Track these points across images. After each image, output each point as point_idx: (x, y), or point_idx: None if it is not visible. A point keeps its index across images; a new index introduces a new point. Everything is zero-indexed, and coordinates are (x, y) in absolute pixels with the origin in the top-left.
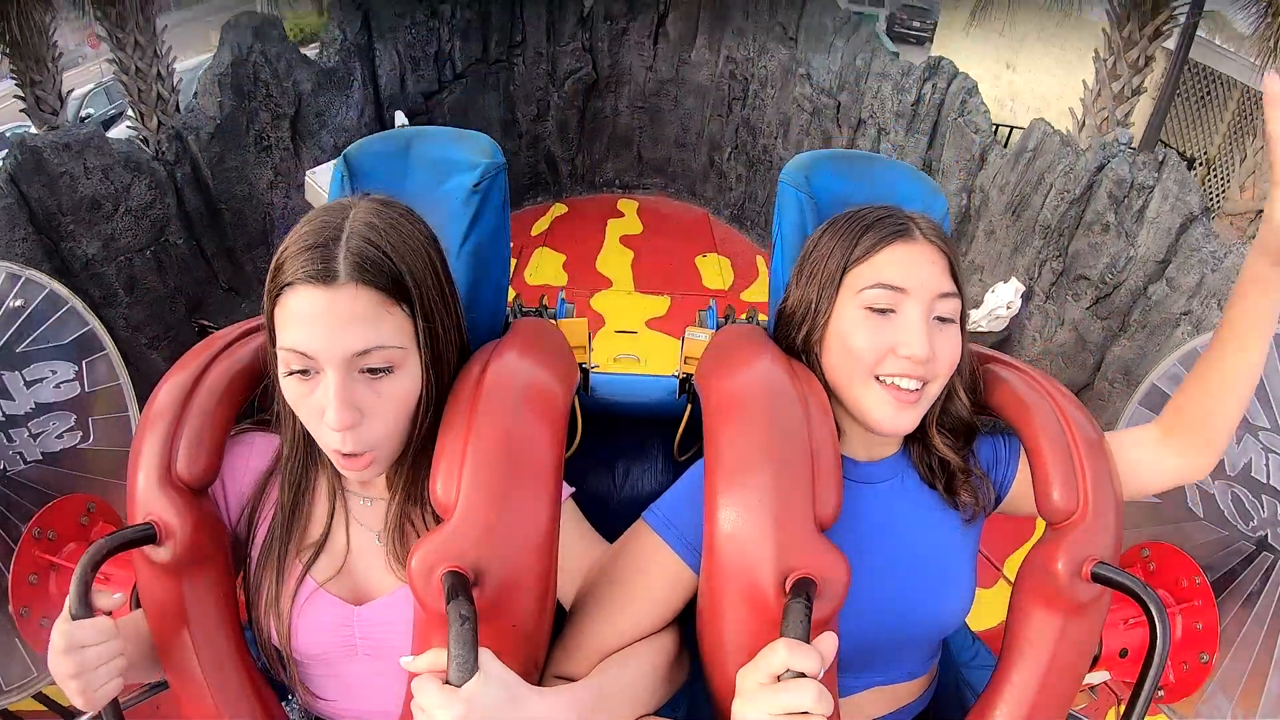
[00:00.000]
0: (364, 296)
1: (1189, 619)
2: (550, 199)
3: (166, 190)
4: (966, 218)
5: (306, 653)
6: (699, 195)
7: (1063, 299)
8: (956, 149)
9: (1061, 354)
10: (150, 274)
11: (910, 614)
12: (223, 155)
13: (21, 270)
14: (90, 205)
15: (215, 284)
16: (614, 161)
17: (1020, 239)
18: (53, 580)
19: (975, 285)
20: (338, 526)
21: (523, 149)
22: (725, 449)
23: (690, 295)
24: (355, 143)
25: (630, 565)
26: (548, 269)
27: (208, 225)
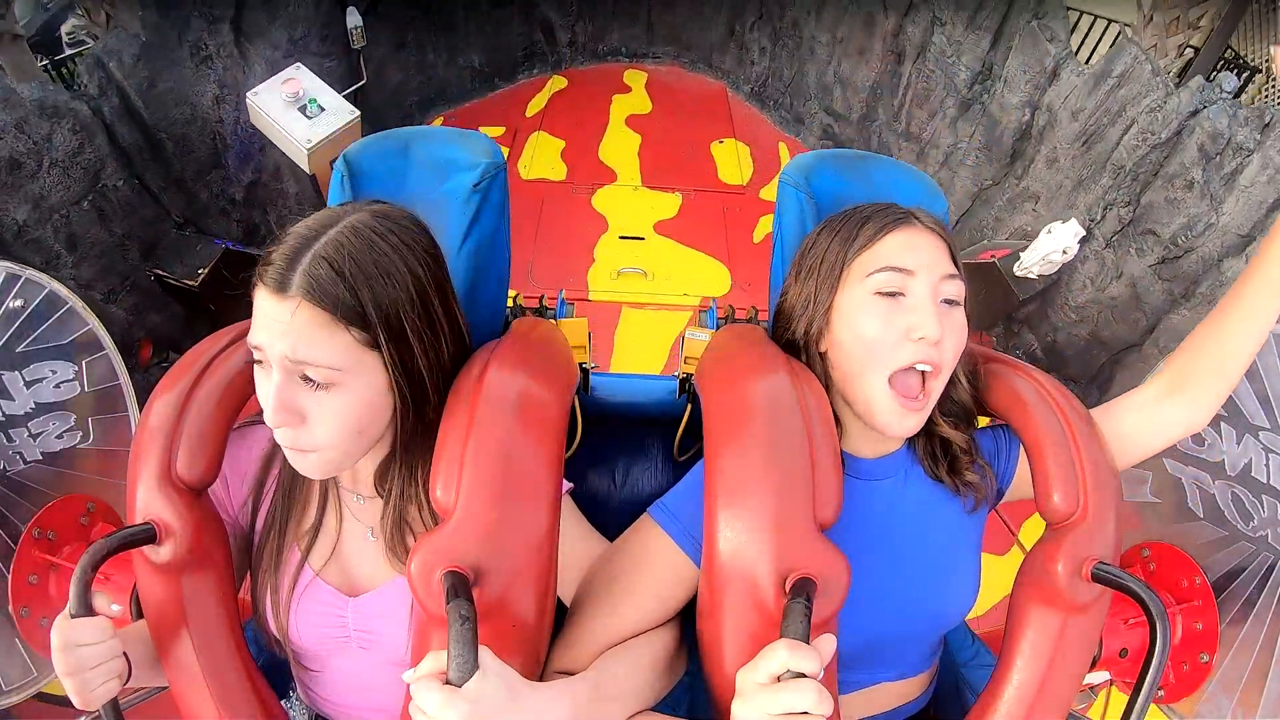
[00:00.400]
0: (305, 313)
1: (1189, 619)
2: (548, 71)
3: (94, 130)
4: (1027, 137)
5: (301, 644)
6: (716, 67)
7: (1125, 250)
8: (1024, 57)
9: (1112, 307)
10: (92, 226)
11: (914, 610)
12: (154, 78)
13: (21, 270)
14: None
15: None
16: (620, 27)
17: (1087, 174)
18: (53, 580)
19: (1027, 214)
20: (330, 514)
21: (515, 16)
22: (725, 450)
23: (704, 192)
24: (355, 143)
25: (634, 558)
26: (544, 159)
27: (149, 159)
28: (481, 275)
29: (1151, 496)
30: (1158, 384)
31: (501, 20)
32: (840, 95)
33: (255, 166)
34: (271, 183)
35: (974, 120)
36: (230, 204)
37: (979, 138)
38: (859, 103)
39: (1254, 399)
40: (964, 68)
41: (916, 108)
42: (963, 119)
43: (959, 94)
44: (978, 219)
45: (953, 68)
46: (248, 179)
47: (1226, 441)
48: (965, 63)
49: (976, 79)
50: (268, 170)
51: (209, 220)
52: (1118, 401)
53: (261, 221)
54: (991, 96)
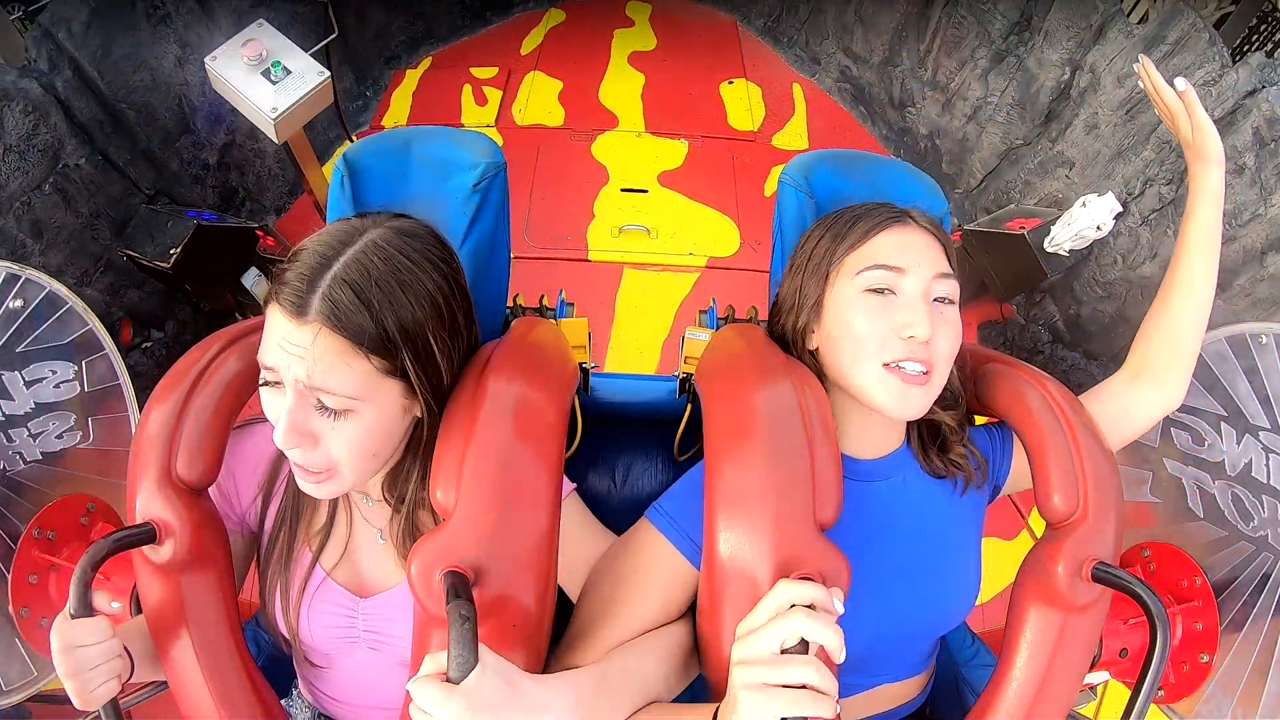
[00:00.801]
0: (325, 341)
1: (1189, 619)
2: (544, 4)
3: (48, 108)
4: (1065, 98)
5: (311, 643)
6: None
7: (1161, 230)
8: (1069, 11)
9: (1142, 286)
10: (56, 210)
11: (914, 612)
12: (108, 45)
13: (21, 270)
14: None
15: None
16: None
17: (1128, 144)
18: (53, 580)
19: (1060, 181)
20: (341, 515)
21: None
22: (725, 450)
23: (712, 139)
24: (354, 143)
25: (633, 562)
26: (540, 102)
27: (110, 132)
28: (481, 275)
29: (1151, 496)
30: (1124, 372)
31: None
32: (861, 35)
33: (227, 128)
34: (246, 143)
35: (1008, 74)
36: (203, 170)
37: (1012, 93)
38: (881, 45)
39: (1254, 399)
40: (1000, 16)
41: (945, 55)
42: (995, 71)
43: (993, 44)
44: (1005, 180)
45: (987, 15)
46: (220, 142)
47: (1226, 441)
48: (1002, 10)
49: (1013, 29)
50: (241, 131)
51: (182, 189)
52: (1101, 389)
53: (239, 184)
54: (1029, 50)
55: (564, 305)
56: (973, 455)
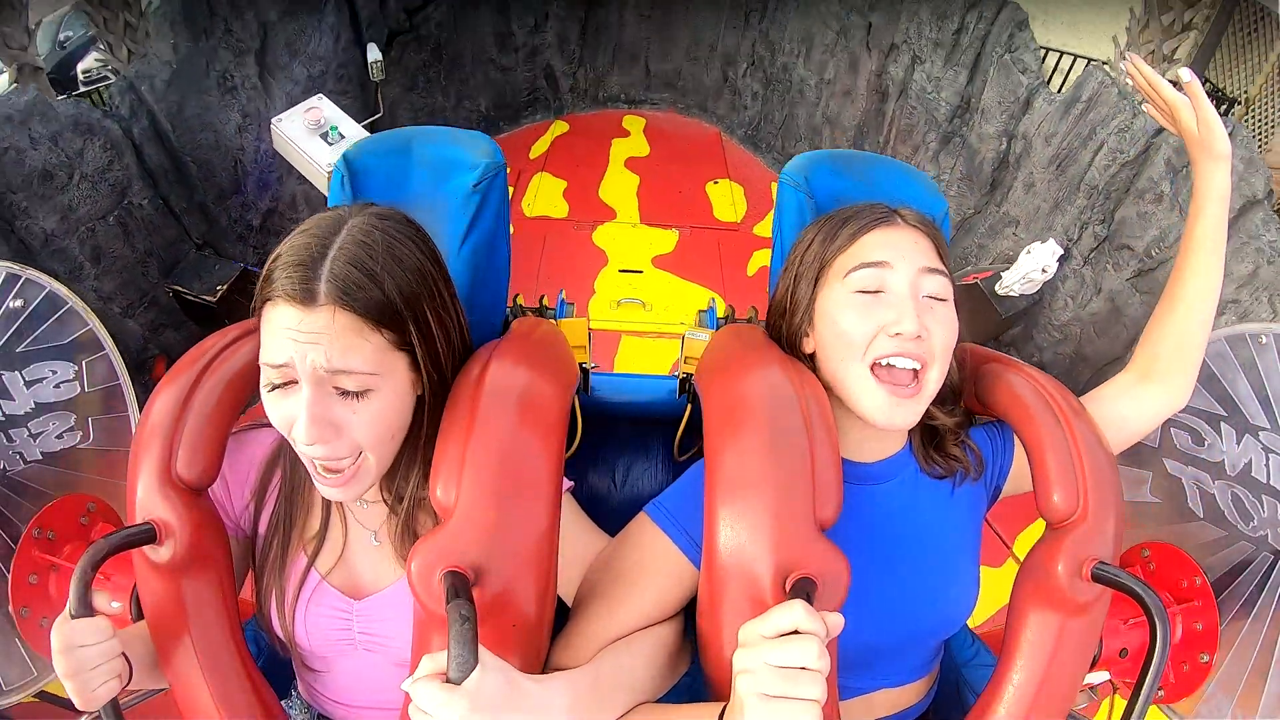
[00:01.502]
0: (342, 320)
1: (1189, 619)
2: (550, 115)
3: (124, 149)
4: (1005, 165)
5: (308, 647)
6: (711, 112)
7: (1102, 266)
8: (1000, 89)
9: (1093, 323)
10: (116, 240)
11: (914, 616)
12: (182, 103)
13: (21, 270)
14: (42, 177)
15: (188, 241)
16: (619, 74)
17: (1062, 195)
18: (53, 580)
19: (1008, 239)
20: (334, 520)
21: (519, 63)
22: (725, 449)
23: (700, 229)
24: (354, 143)
25: (633, 559)
26: (547, 198)
27: (173, 181)
28: (481, 275)
29: (1151, 496)
30: (1130, 373)
31: (507, 66)
32: (829, 134)
33: (273, 195)
34: (288, 211)
35: (955, 152)
36: (247, 229)
37: (960, 168)
38: (846, 141)
39: (1254, 399)
40: (944, 102)
41: (900, 143)
42: (944, 151)
43: (940, 128)
44: (962, 247)
45: (933, 103)
46: (265, 206)
47: (1226, 441)
48: (945, 98)
49: (956, 113)
50: (284, 199)
51: (227, 244)
52: (1102, 390)
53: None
54: (970, 128)
55: (564, 305)
56: (971, 452)
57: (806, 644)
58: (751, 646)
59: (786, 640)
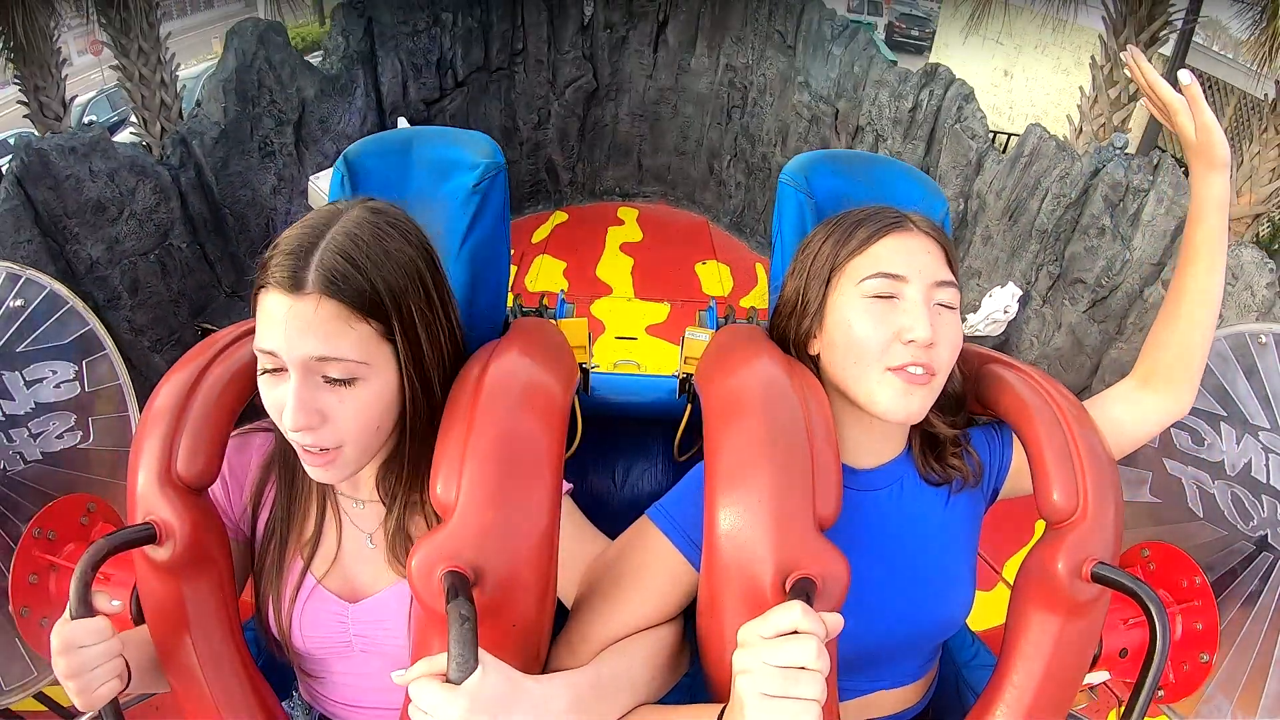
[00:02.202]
0: (327, 308)
1: (1189, 619)
2: (551, 206)
3: (171, 194)
4: (964, 223)
5: (304, 649)
6: (699, 203)
7: (1059, 303)
8: (953, 155)
9: (1059, 358)
10: (154, 277)
11: (913, 618)
12: (227, 160)
13: (21, 270)
14: (95, 208)
15: (218, 288)
16: (614, 169)
17: (1017, 243)
18: (53, 580)
19: (972, 290)
20: (329, 524)
21: (524, 157)
22: (725, 449)
23: (690, 302)
24: (355, 143)
25: (633, 561)
26: (548, 275)
27: (211, 230)
28: (481, 276)
29: (1151, 496)
30: (1132, 379)
31: (512, 159)
32: None
33: None
34: None
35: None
36: None
37: None
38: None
39: (1254, 399)
40: None
41: None
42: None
43: None
44: None
45: None
46: None
47: (1226, 441)
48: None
49: None
50: None
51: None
52: (1104, 396)
53: None
54: None
55: (564, 305)
56: (970, 457)
57: (805, 644)
58: (751, 646)
59: (786, 640)
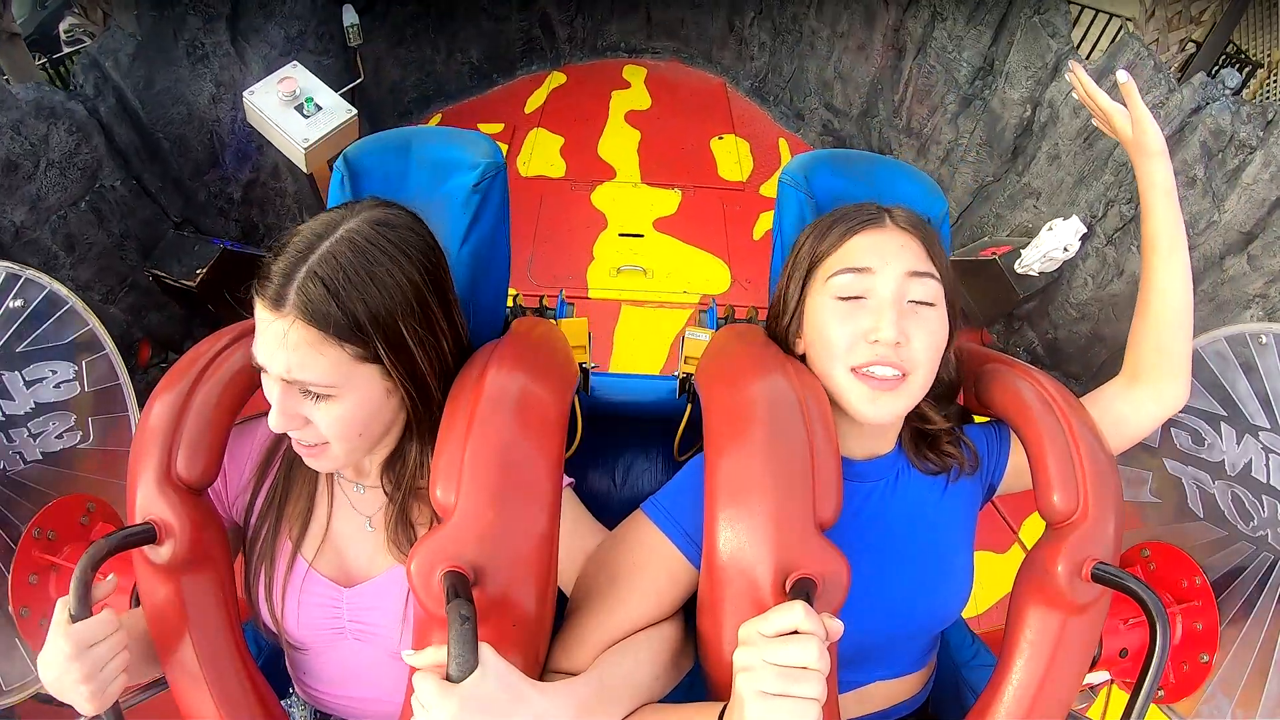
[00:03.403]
0: (299, 333)
1: (1189, 619)
2: (547, 67)
3: (91, 130)
4: (1028, 133)
5: (296, 635)
6: (715, 62)
7: (1126, 247)
8: (1026, 52)
9: (1113, 304)
10: (89, 227)
11: (908, 610)
12: (150, 77)
13: (21, 270)
14: (6, 168)
15: (166, 221)
16: (619, 22)
17: (1088, 170)
18: (53, 580)
19: (1029, 211)
20: (320, 503)
21: (513, 11)
22: (726, 450)
23: (703, 189)
24: (355, 143)
25: (630, 558)
26: (543, 156)
27: (146, 159)
28: (481, 275)
29: (1151, 496)
30: (1121, 378)
31: (500, 16)
32: (840, 91)
33: (253, 166)
34: (270, 182)
35: (975, 116)
36: (228, 203)
37: (980, 134)
38: (859, 98)
39: (1254, 399)
40: (965, 63)
41: (917, 104)
42: (964, 115)
43: (960, 90)
44: (978, 216)
45: (954, 63)
46: (245, 178)
47: (1226, 441)
48: (966, 58)
49: (978, 74)
50: (265, 169)
51: (207, 220)
52: (1101, 391)
53: (260, 221)
54: (993, 92)
55: (564, 305)
56: (967, 449)
57: (807, 644)
58: (752, 645)
59: (787, 640)
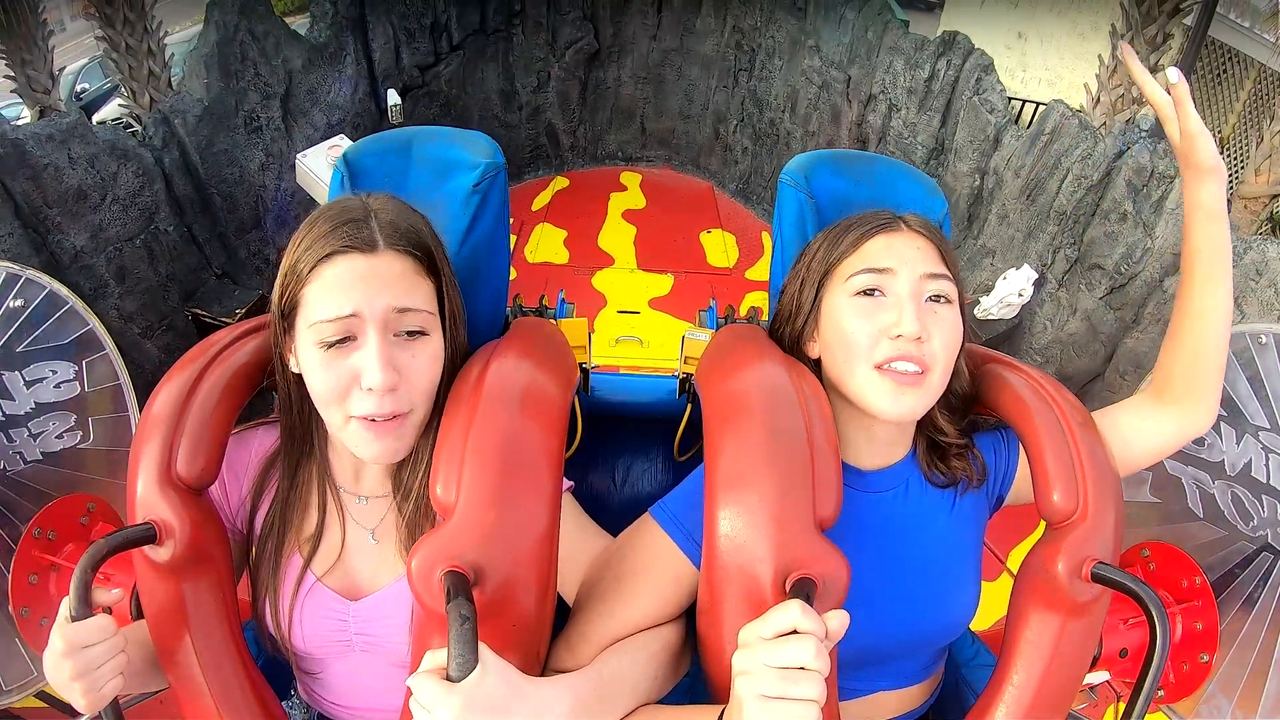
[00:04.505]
0: (400, 263)
1: (1189, 619)
2: (551, 172)
3: (154, 177)
4: (979, 200)
5: (304, 649)
6: (704, 168)
7: (1076, 288)
8: (970, 129)
9: (1072, 343)
10: (141, 263)
11: (917, 620)
12: (211, 138)
13: (21, 270)
14: (77, 196)
15: (208, 270)
16: (617, 133)
17: (1034, 224)
18: (53, 580)
19: (986, 270)
20: (332, 519)
21: (523, 121)
22: (725, 449)
23: (694, 274)
24: (355, 143)
25: (635, 560)
26: (548, 246)
27: (198, 211)
28: (481, 276)
29: (1151, 496)
30: (1147, 393)
31: (511, 124)
32: None
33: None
34: None
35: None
36: (264, 263)
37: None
38: None
39: (1254, 399)
40: (920, 146)
41: None
42: None
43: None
44: None
45: (910, 147)
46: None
47: (1226, 441)
48: (921, 141)
49: (932, 154)
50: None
51: (244, 276)
52: (1115, 408)
53: None
54: (946, 168)
55: (564, 305)
56: (974, 459)
57: (805, 644)
58: (750, 648)
59: (785, 641)
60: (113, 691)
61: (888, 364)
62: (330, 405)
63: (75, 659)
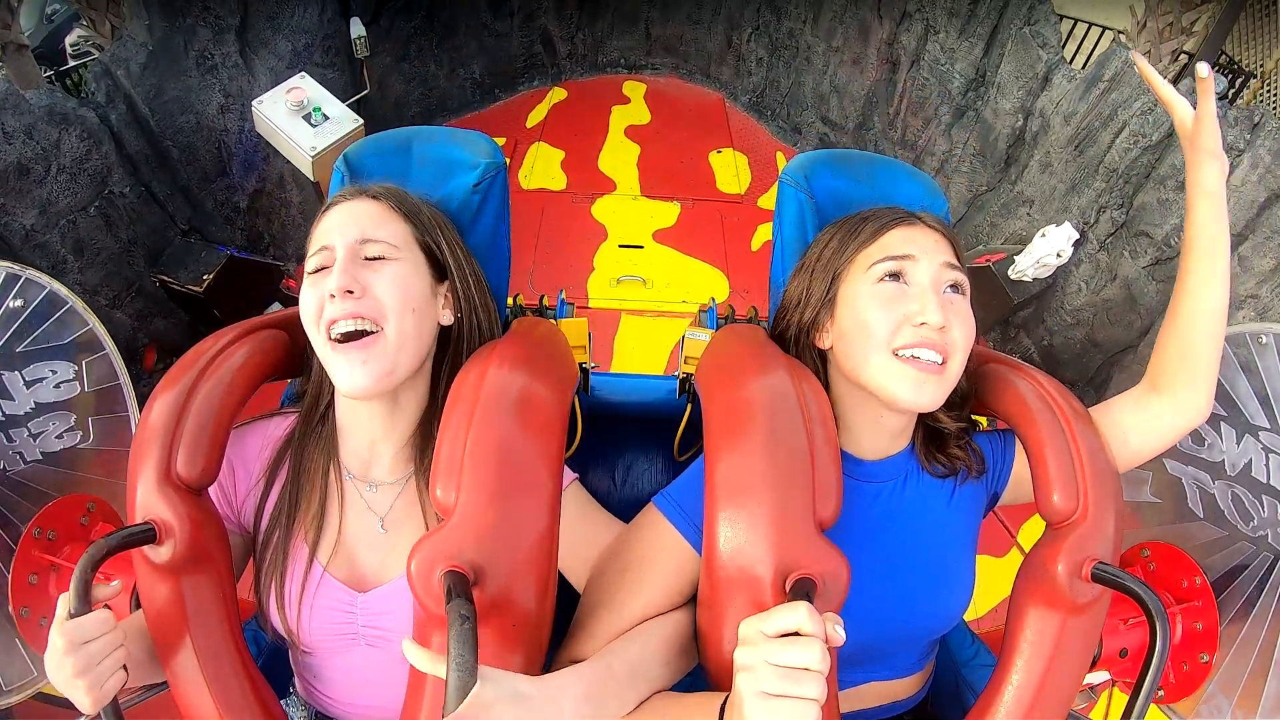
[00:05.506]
0: (376, 206)
1: (1189, 619)
2: (548, 83)
3: (102, 137)
4: (1020, 142)
5: (310, 641)
6: (714, 78)
7: (1118, 252)
8: (1017, 62)
9: (1107, 310)
10: (98, 232)
11: (911, 612)
12: (160, 85)
13: (21, 270)
14: (18, 172)
15: (173, 228)
16: (619, 39)
17: (1079, 177)
18: (53, 580)
19: (1023, 219)
20: (332, 504)
21: (515, 28)
22: (725, 449)
23: (702, 202)
24: (355, 143)
25: (640, 550)
26: (544, 169)
27: (155, 167)
28: None
29: (1151, 496)
30: (1142, 384)
31: (502, 32)
32: (836, 104)
33: (259, 175)
34: (275, 192)
35: (968, 127)
36: (234, 212)
37: (973, 144)
38: (855, 111)
39: (1254, 399)
40: (958, 75)
41: (911, 115)
42: (957, 126)
43: (953, 101)
44: (972, 225)
45: (947, 75)
46: (251, 188)
47: (1226, 441)
48: (959, 69)
49: (970, 86)
50: (271, 179)
51: (213, 228)
52: (1112, 402)
53: (265, 230)
54: (985, 103)
55: (564, 305)
56: (974, 452)
57: (809, 646)
58: (753, 644)
59: (788, 641)
60: (114, 687)
61: (908, 350)
62: (312, 324)
63: (76, 655)
